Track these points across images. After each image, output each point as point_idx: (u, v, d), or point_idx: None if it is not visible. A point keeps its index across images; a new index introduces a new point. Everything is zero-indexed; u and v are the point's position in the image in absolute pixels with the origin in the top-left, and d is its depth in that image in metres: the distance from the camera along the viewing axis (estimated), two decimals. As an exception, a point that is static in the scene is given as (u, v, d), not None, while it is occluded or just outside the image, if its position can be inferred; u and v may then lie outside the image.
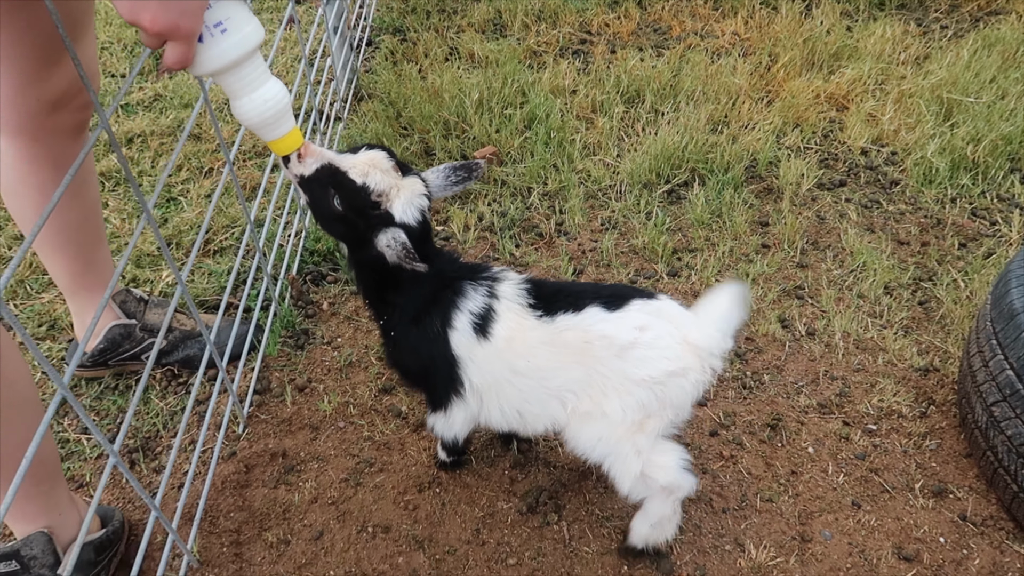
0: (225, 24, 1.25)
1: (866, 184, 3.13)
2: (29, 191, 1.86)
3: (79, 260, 2.05)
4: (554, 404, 1.65)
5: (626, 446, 1.62)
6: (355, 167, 1.53)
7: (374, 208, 1.54)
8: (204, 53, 1.25)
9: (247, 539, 1.86)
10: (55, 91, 1.71)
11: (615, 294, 1.60)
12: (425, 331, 1.65)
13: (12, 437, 1.44)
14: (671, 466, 1.66)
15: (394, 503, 1.95)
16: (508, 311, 1.62)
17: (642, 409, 1.58)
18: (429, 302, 1.65)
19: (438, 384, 1.71)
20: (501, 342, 1.61)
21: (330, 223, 1.61)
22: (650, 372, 1.55)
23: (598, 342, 1.56)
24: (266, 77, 1.36)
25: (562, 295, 1.62)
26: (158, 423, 2.15)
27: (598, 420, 1.61)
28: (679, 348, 1.56)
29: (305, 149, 1.51)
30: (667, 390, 1.56)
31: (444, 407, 1.74)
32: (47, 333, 2.42)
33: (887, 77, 3.65)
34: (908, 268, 2.71)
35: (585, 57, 3.86)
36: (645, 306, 1.58)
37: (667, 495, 1.70)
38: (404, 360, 1.77)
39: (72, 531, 1.69)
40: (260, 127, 1.41)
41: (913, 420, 2.18)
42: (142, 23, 1.12)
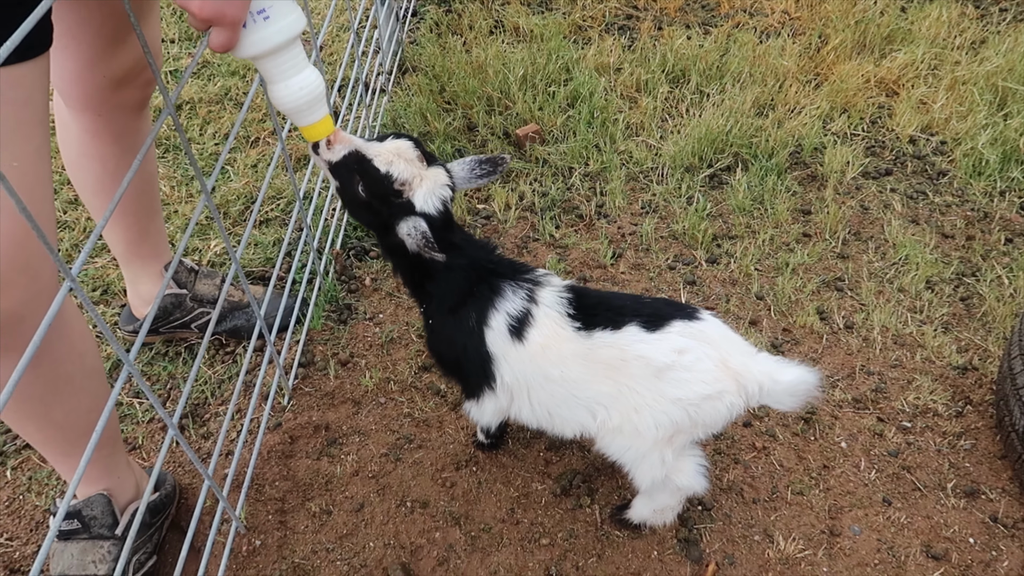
0: (268, 12, 1.28)
1: (913, 174, 3.09)
2: (91, 163, 1.92)
3: (135, 229, 2.12)
4: (583, 413, 1.67)
5: (654, 456, 1.65)
6: (380, 155, 1.55)
7: (396, 196, 1.57)
8: (247, 38, 1.29)
9: (291, 508, 1.94)
10: (121, 69, 1.76)
11: (656, 313, 1.60)
12: (461, 324, 1.68)
13: (81, 404, 1.53)
14: (688, 471, 1.72)
15: (432, 479, 2.01)
16: (546, 318, 1.63)
17: (674, 426, 1.60)
18: (466, 295, 1.67)
19: (471, 375, 1.75)
20: (535, 347, 1.63)
21: (356, 209, 1.65)
22: (686, 394, 1.55)
23: (635, 362, 1.56)
24: (304, 65, 1.40)
25: (602, 309, 1.63)
26: (206, 391, 2.23)
27: (629, 435, 1.64)
28: (716, 372, 1.55)
29: (335, 136, 1.55)
30: (701, 411, 1.57)
31: (476, 397, 1.78)
32: (100, 298, 2.50)
33: (941, 62, 3.57)
34: (951, 262, 2.68)
35: (631, 33, 3.82)
36: (685, 328, 1.57)
37: (677, 492, 1.77)
38: (440, 348, 1.81)
39: (129, 494, 1.78)
40: (294, 113, 1.45)
41: (948, 419, 2.19)
42: (191, 8, 1.15)
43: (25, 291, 1.26)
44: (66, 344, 1.47)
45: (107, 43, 1.69)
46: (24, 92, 1.18)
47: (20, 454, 2.07)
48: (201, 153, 3.05)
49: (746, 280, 2.61)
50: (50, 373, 1.45)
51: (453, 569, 1.84)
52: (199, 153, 3.04)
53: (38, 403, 1.47)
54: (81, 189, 1.99)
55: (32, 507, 1.96)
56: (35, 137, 1.23)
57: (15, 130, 1.17)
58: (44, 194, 1.28)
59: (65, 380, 1.49)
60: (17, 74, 1.15)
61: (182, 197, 2.85)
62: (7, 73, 1.12)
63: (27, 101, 1.19)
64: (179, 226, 2.71)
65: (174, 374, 2.27)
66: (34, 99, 1.21)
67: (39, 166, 1.25)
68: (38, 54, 1.19)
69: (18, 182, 1.18)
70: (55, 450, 1.60)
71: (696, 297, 2.55)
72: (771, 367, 1.58)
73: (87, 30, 1.65)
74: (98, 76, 1.74)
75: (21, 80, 1.16)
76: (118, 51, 1.72)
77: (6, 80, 1.12)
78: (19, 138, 1.19)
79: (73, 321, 1.49)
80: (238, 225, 2.76)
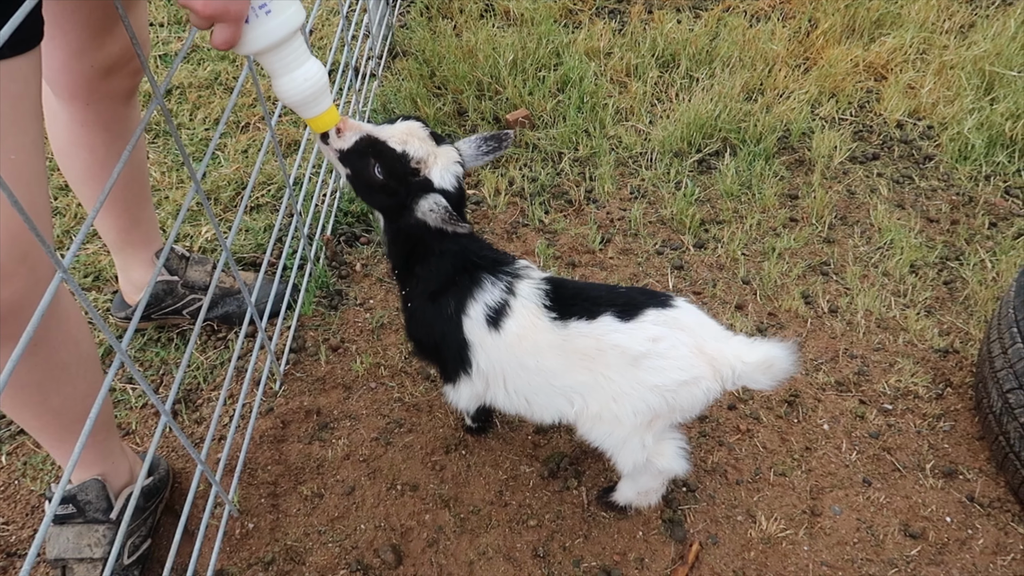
0: (269, 5, 1.29)
1: (899, 159, 3.12)
2: (80, 151, 1.93)
3: (125, 217, 2.13)
4: (561, 401, 1.71)
5: (634, 441, 1.69)
6: (393, 136, 1.58)
7: (414, 175, 1.59)
8: (249, 33, 1.29)
9: (283, 491, 1.98)
10: (108, 58, 1.76)
11: (630, 302, 1.62)
12: (440, 310, 1.71)
13: (77, 391, 1.55)
14: (669, 454, 1.76)
15: (422, 463, 2.04)
16: (523, 309, 1.66)
17: (651, 412, 1.63)
18: (448, 283, 1.70)
19: (448, 360, 1.78)
20: (512, 337, 1.66)
21: (371, 193, 1.66)
22: (662, 380, 1.58)
23: (611, 351, 1.59)
24: (306, 57, 1.41)
25: (578, 299, 1.65)
26: (199, 376, 2.25)
27: (608, 422, 1.67)
28: (692, 358, 1.58)
29: (344, 123, 1.57)
30: (678, 397, 1.61)
31: (453, 381, 1.82)
32: (92, 284, 2.52)
33: (929, 47, 3.59)
34: (936, 247, 2.72)
35: (621, 17, 3.82)
36: (659, 316, 1.59)
37: (660, 475, 1.81)
38: (419, 333, 1.83)
39: (123, 478, 1.81)
40: (300, 105, 1.47)
41: (929, 401, 2.23)
42: (194, 6, 1.16)
43: (25, 281, 1.28)
44: (62, 332, 1.49)
45: (94, 32, 1.69)
46: (19, 86, 1.19)
47: (15, 439, 2.10)
48: (192, 138, 3.05)
49: (733, 265, 2.64)
50: (47, 361, 1.47)
51: (443, 550, 1.88)
52: (189, 139, 3.05)
53: (35, 390, 1.49)
54: (71, 177, 2.00)
55: (27, 492, 1.99)
56: (31, 130, 1.24)
57: (12, 123, 1.19)
58: (39, 186, 1.30)
59: (61, 367, 1.51)
60: (12, 67, 1.16)
61: (172, 183, 2.86)
62: (3, 67, 1.13)
63: (23, 94, 1.20)
64: (170, 212, 2.72)
65: (166, 360, 2.30)
66: (29, 92, 1.22)
67: (35, 158, 1.26)
68: (31, 47, 1.20)
69: (15, 175, 1.20)
70: (51, 436, 1.62)
71: (683, 282, 2.58)
72: (740, 348, 1.61)
73: (74, 20, 1.65)
74: (86, 65, 1.75)
75: (15, 74, 1.17)
76: (106, 40, 1.72)
77: (3, 74, 1.14)
78: (16, 131, 1.20)
79: (69, 309, 1.51)
80: (228, 211, 2.77)
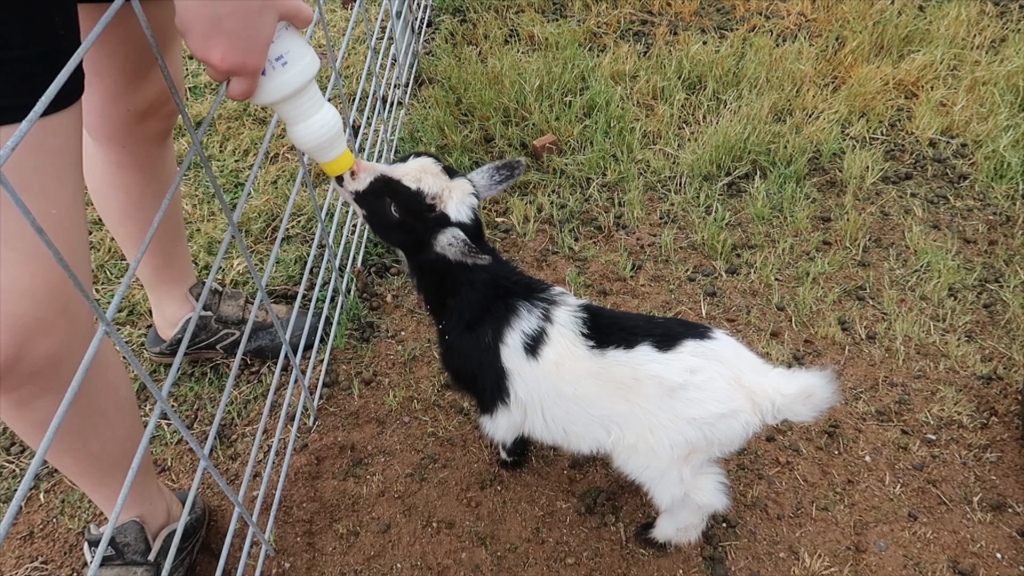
0: (286, 57, 1.30)
1: (933, 178, 3.07)
2: (116, 192, 1.95)
3: (159, 255, 2.15)
4: (598, 430, 1.69)
5: (672, 475, 1.67)
6: (407, 174, 1.60)
7: (430, 211, 1.61)
8: (266, 85, 1.30)
9: (319, 529, 1.97)
10: (144, 102, 1.78)
11: (668, 332, 1.62)
12: (477, 339, 1.71)
13: (116, 435, 1.56)
14: (708, 488, 1.73)
15: (457, 499, 2.03)
16: (560, 337, 1.65)
17: (689, 446, 1.61)
18: (484, 311, 1.70)
19: (485, 390, 1.77)
20: (550, 365, 1.65)
21: (389, 231, 1.67)
22: (700, 413, 1.57)
23: (648, 382, 1.58)
24: (320, 104, 1.42)
25: (615, 328, 1.65)
26: (233, 412, 2.26)
27: (644, 454, 1.65)
28: (730, 391, 1.56)
29: (357, 166, 1.59)
30: (716, 430, 1.59)
31: (491, 412, 1.81)
32: (127, 319, 2.54)
33: (960, 63, 3.54)
34: (974, 268, 2.66)
35: (646, 39, 3.81)
36: (697, 347, 1.58)
37: (699, 510, 1.77)
38: (456, 363, 1.83)
39: (160, 519, 1.81)
40: (315, 151, 1.48)
41: (974, 431, 2.18)
42: (212, 61, 1.17)
43: (65, 333, 1.29)
44: (101, 378, 1.50)
45: (130, 77, 1.71)
46: (61, 140, 1.20)
47: (52, 477, 2.11)
48: (222, 169, 3.08)
49: (766, 291, 2.60)
50: (86, 408, 1.48)
51: (480, 589, 1.86)
52: (220, 170, 3.07)
53: (75, 437, 1.50)
54: (107, 218, 2.02)
55: (65, 530, 2.00)
56: (72, 183, 1.25)
57: (53, 177, 1.20)
58: (80, 238, 1.31)
59: (100, 413, 1.52)
60: (55, 123, 1.17)
61: (204, 215, 2.88)
62: (45, 123, 1.14)
63: (64, 148, 1.21)
64: (202, 244, 2.74)
65: (200, 395, 2.31)
66: (70, 145, 1.23)
67: (75, 210, 1.27)
68: (72, 102, 1.21)
69: (56, 228, 1.21)
70: (90, 480, 1.63)
71: (716, 309, 2.55)
72: (779, 381, 1.59)
73: (111, 65, 1.67)
74: (122, 110, 1.77)
75: (58, 129, 1.18)
76: (141, 85, 1.74)
77: (45, 130, 1.15)
78: (57, 185, 1.21)
79: (108, 356, 1.52)
80: (259, 243, 2.79)
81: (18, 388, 1.29)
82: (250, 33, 1.16)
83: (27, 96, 1.01)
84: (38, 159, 1.16)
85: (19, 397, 1.31)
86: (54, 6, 1.14)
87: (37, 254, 1.17)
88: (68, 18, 1.18)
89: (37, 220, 0.88)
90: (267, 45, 1.23)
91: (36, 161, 1.15)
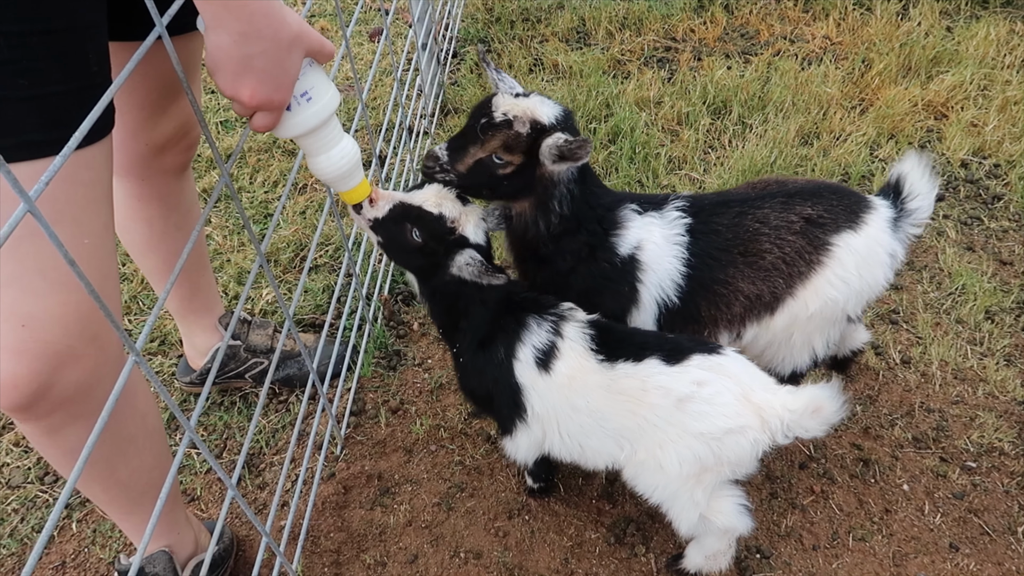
0: (310, 93, 1.33)
1: (966, 199, 3.02)
2: (138, 225, 1.99)
3: (186, 286, 2.18)
4: (611, 444, 1.70)
5: (684, 496, 1.65)
6: (427, 200, 1.66)
7: (450, 234, 1.67)
8: (290, 120, 1.33)
9: (346, 559, 1.96)
10: (162, 136, 1.82)
11: (676, 347, 1.63)
12: (490, 356, 1.75)
13: (144, 463, 1.57)
14: (728, 511, 1.70)
15: (485, 529, 2.01)
16: (571, 351, 1.68)
17: (698, 463, 1.60)
18: (495, 328, 1.74)
19: (503, 407, 1.79)
20: (562, 378, 1.68)
21: (407, 256, 1.73)
22: (707, 428, 1.56)
23: (655, 392, 1.59)
24: (340, 136, 1.45)
25: (625, 343, 1.67)
26: (261, 440, 2.27)
27: (654, 471, 1.64)
28: (738, 406, 1.56)
29: (376, 194, 1.64)
30: (724, 447, 1.58)
31: (510, 431, 1.81)
32: (158, 349, 2.57)
33: (990, 83, 3.49)
34: (1011, 291, 2.60)
35: (670, 66, 3.82)
36: (705, 361, 1.60)
37: (723, 534, 1.74)
38: (472, 383, 1.86)
39: (188, 549, 1.81)
40: (335, 181, 1.52)
41: (1016, 458, 2.11)
42: (241, 98, 1.19)
43: (95, 361, 1.31)
44: (130, 407, 1.51)
45: (149, 113, 1.76)
46: (94, 172, 1.23)
47: (85, 507, 2.13)
48: (252, 201, 3.12)
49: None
50: (114, 436, 1.49)
51: (508, 621, 1.83)
52: (249, 201, 3.12)
53: (104, 465, 1.51)
54: (131, 250, 2.05)
55: (97, 560, 2.01)
56: (103, 213, 1.28)
57: (85, 209, 1.23)
58: (110, 267, 1.33)
59: (128, 441, 1.53)
60: (88, 156, 1.20)
61: (234, 246, 2.92)
62: (79, 156, 1.17)
63: (96, 181, 1.24)
64: (232, 275, 2.78)
65: (230, 424, 2.32)
66: (102, 178, 1.26)
67: (106, 240, 1.30)
68: (104, 135, 1.24)
69: (88, 258, 1.23)
70: (118, 509, 1.64)
71: (746, 334, 2.51)
72: (785, 398, 1.58)
73: (131, 101, 1.71)
74: (140, 144, 1.81)
75: (91, 162, 1.21)
76: (160, 120, 1.78)
77: (78, 163, 1.18)
78: (89, 216, 1.24)
79: (137, 384, 1.54)
80: (288, 272, 2.82)
81: (48, 415, 1.30)
82: (279, 71, 1.19)
83: (62, 130, 1.03)
84: (71, 191, 1.18)
85: (49, 424, 1.33)
86: (88, 42, 1.17)
87: (69, 283, 1.19)
88: (100, 54, 1.21)
89: (69, 250, 0.90)
90: (294, 82, 1.25)
91: (69, 193, 1.18)
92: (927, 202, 1.79)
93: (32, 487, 2.15)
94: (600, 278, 1.80)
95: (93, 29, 1.19)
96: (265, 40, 1.14)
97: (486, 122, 1.64)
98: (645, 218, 1.81)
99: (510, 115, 1.63)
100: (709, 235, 1.79)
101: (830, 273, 1.76)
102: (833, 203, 1.78)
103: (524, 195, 1.73)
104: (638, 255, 1.78)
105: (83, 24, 1.16)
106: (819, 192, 1.80)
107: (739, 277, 1.79)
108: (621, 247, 1.78)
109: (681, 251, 1.78)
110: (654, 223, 1.80)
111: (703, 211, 1.81)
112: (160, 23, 1.10)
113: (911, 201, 1.79)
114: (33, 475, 2.18)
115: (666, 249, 1.78)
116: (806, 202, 1.78)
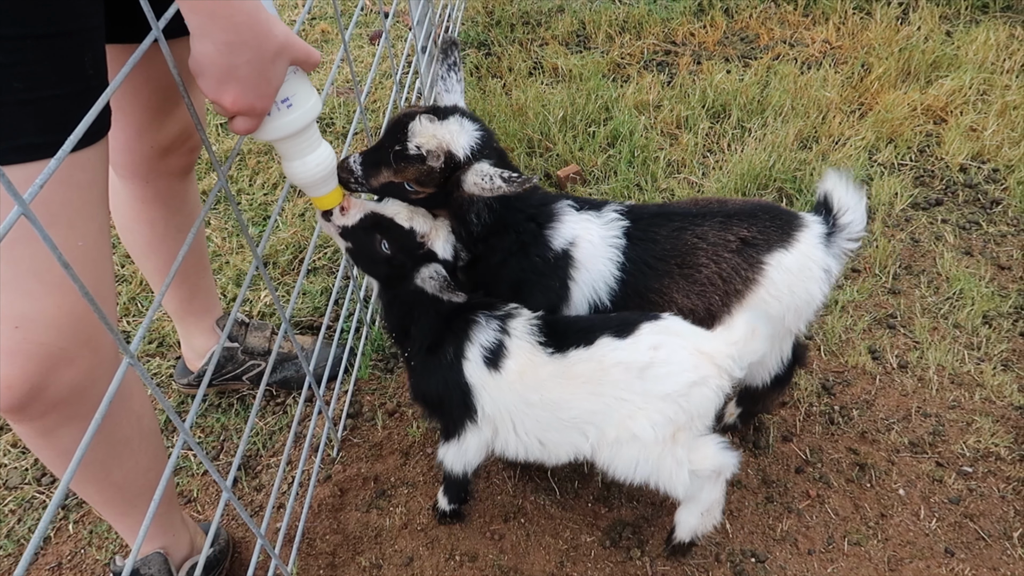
0: (291, 100, 1.34)
1: (964, 203, 3.02)
2: (141, 227, 2.00)
3: (185, 288, 2.18)
4: (574, 434, 1.70)
5: (667, 461, 1.66)
6: (399, 213, 1.66)
7: (419, 248, 1.67)
8: (270, 124, 1.34)
9: (342, 562, 1.96)
10: (167, 138, 1.83)
11: (624, 322, 1.66)
12: (440, 359, 1.75)
13: (139, 465, 1.57)
14: (712, 452, 1.71)
15: (480, 532, 2.01)
16: (519, 348, 1.69)
17: (671, 423, 1.62)
18: (444, 330, 1.75)
19: (453, 410, 1.79)
20: (512, 375, 1.69)
21: (374, 265, 1.72)
22: (672, 386, 1.60)
23: (614, 369, 1.61)
24: (318, 142, 1.46)
25: (572, 331, 1.68)
26: (258, 443, 2.27)
27: (630, 444, 1.65)
28: (694, 359, 1.60)
29: (348, 202, 1.64)
30: (691, 401, 1.61)
31: (458, 434, 1.81)
32: (156, 350, 2.57)
33: (990, 87, 3.49)
34: (1009, 295, 2.60)
35: (669, 69, 3.82)
36: (654, 327, 1.64)
37: (716, 478, 1.74)
38: (422, 386, 1.85)
39: (184, 551, 1.82)
40: (309, 186, 1.53)
41: (1012, 463, 2.11)
42: (223, 103, 1.20)
43: (89, 363, 1.31)
44: (125, 408, 1.51)
45: (154, 115, 1.76)
46: (89, 175, 1.23)
47: (81, 508, 2.13)
48: (251, 203, 3.13)
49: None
50: (109, 437, 1.50)
51: (503, 624, 1.83)
52: (248, 204, 3.12)
53: (99, 467, 1.52)
54: (133, 251, 2.06)
55: (93, 561, 2.01)
56: (98, 216, 1.28)
57: (80, 211, 1.23)
58: (105, 270, 1.33)
59: (124, 442, 1.53)
60: (83, 159, 1.20)
61: (233, 248, 2.93)
62: (74, 159, 1.17)
63: (91, 183, 1.25)
64: (230, 277, 2.78)
65: (227, 425, 2.32)
66: (97, 180, 1.27)
67: (101, 243, 1.30)
68: (100, 138, 1.25)
69: (82, 260, 1.24)
70: (114, 510, 1.64)
71: (743, 338, 2.51)
72: (724, 336, 1.64)
73: (135, 103, 1.72)
74: (145, 146, 1.81)
75: (86, 164, 1.22)
76: (165, 121, 1.79)
77: (73, 165, 1.18)
78: (84, 218, 1.24)
79: (132, 386, 1.54)
80: (287, 274, 2.82)
81: (43, 416, 1.31)
82: (262, 81, 1.20)
83: (58, 133, 1.04)
84: (67, 193, 1.19)
85: (44, 425, 1.33)
86: (85, 46, 1.18)
87: (63, 285, 1.20)
88: (97, 58, 1.22)
89: (64, 252, 0.90)
90: (276, 90, 1.26)
91: (65, 195, 1.18)
92: (858, 215, 1.79)
93: (29, 488, 2.16)
94: (530, 272, 1.78)
95: (90, 32, 1.20)
96: (250, 50, 1.15)
97: (399, 151, 1.59)
98: (582, 214, 1.79)
99: (423, 149, 1.57)
100: (647, 242, 1.78)
101: (763, 292, 1.77)
102: (767, 224, 1.78)
103: (440, 208, 1.72)
104: (572, 251, 1.76)
105: (80, 27, 1.17)
106: (755, 213, 1.80)
107: (674, 288, 1.78)
108: (555, 241, 1.76)
109: (617, 254, 1.76)
110: (591, 222, 1.78)
111: (643, 219, 1.80)
112: (156, 26, 1.11)
113: (842, 216, 1.79)
114: (30, 476, 2.19)
115: (602, 249, 1.76)
116: (743, 223, 1.78)
